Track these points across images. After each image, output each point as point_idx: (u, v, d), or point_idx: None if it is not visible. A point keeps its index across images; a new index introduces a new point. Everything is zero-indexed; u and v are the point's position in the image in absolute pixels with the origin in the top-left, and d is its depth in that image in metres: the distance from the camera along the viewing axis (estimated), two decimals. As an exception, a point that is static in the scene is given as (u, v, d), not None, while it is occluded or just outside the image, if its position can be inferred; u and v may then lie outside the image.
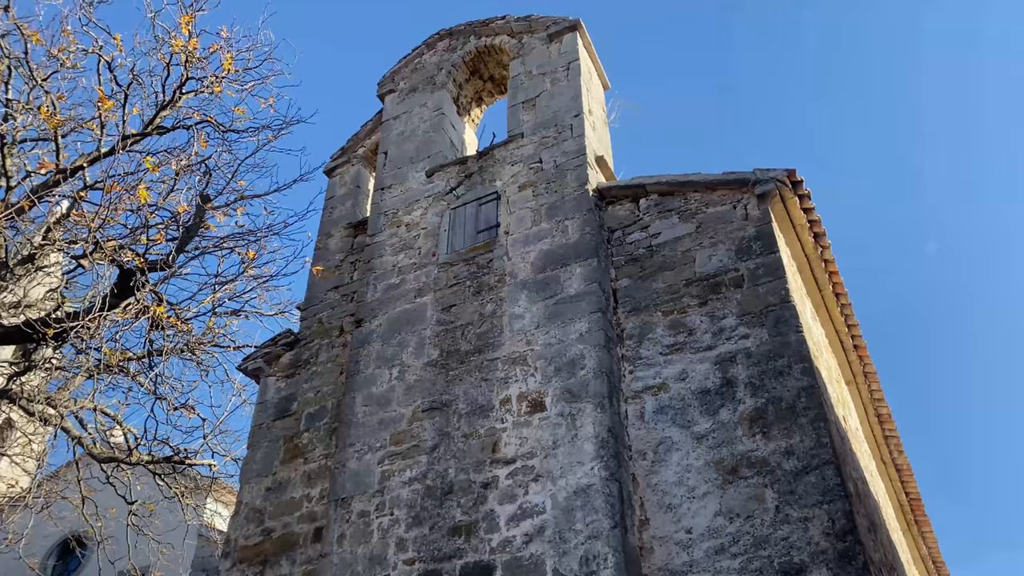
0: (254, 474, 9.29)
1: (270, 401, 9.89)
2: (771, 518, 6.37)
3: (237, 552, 8.78)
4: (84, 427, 9.64)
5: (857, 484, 7.49)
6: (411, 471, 7.75)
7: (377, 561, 7.33)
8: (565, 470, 7.01)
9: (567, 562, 6.52)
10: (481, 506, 7.19)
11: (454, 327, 8.59)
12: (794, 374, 6.92)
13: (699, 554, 6.48)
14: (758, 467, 6.65)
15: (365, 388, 8.63)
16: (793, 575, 6.07)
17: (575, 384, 7.48)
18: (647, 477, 7.07)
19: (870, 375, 9.85)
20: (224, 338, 9.26)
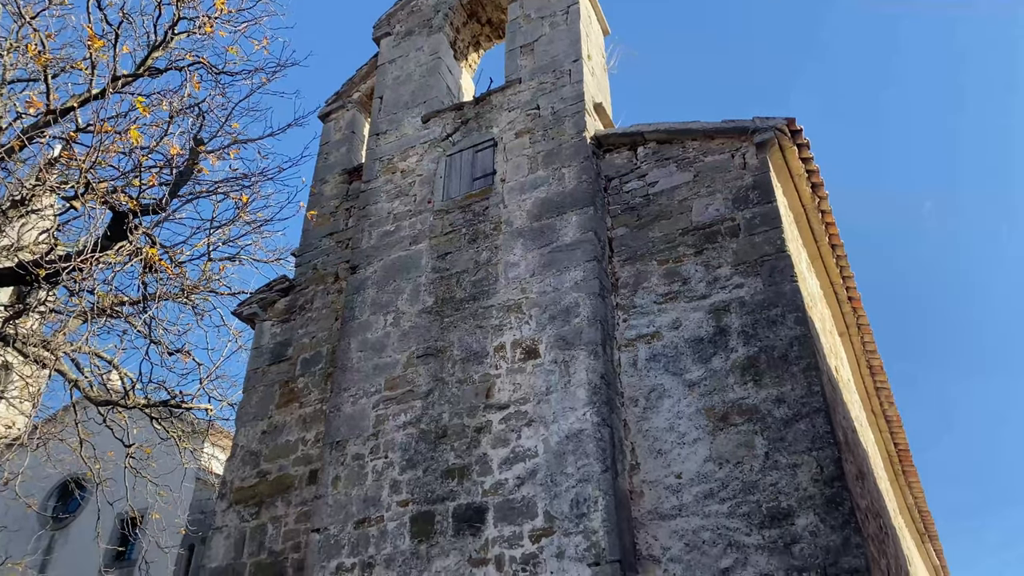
0: (250, 418, 9.37)
1: (265, 346, 9.93)
2: (760, 464, 6.46)
3: (233, 493, 8.91)
4: (80, 370, 9.67)
5: (847, 433, 7.58)
6: (405, 415, 7.81)
7: (371, 502, 7.43)
8: (558, 415, 7.08)
9: (558, 504, 6.62)
10: (474, 450, 7.27)
11: (449, 275, 8.58)
12: (787, 323, 6.95)
13: (688, 498, 6.58)
14: (749, 414, 6.71)
15: (360, 334, 8.66)
16: (780, 519, 6.17)
17: (569, 332, 7.50)
18: (638, 423, 7.14)
19: (863, 327, 9.90)
20: (219, 283, 9.23)
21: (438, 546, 6.90)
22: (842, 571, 5.77)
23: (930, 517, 13.42)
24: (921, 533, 13.55)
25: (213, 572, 8.46)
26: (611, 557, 6.19)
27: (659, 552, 6.47)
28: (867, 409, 10.78)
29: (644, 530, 6.61)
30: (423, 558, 6.90)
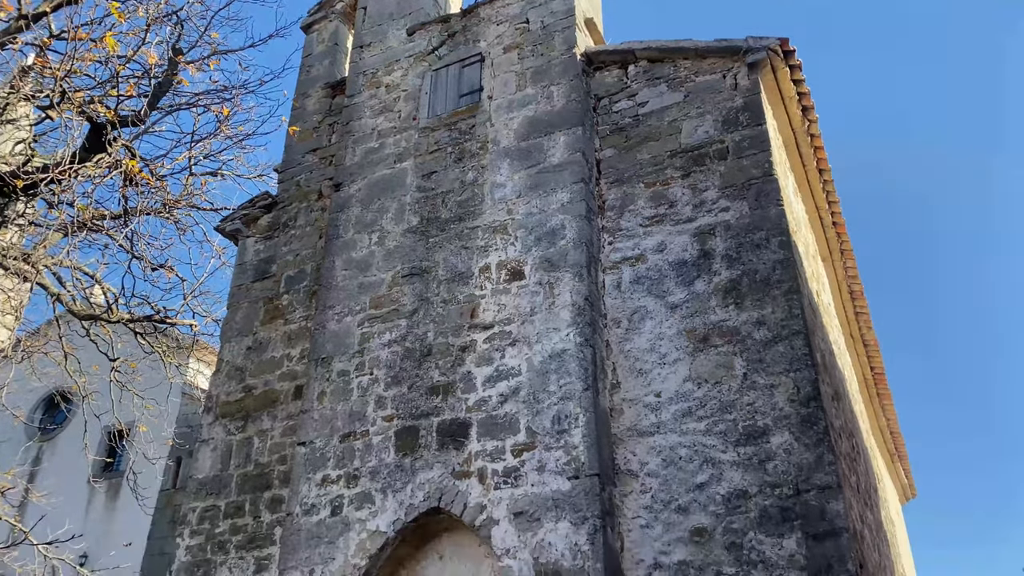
0: (234, 333, 9.41)
1: (249, 263, 9.89)
2: (738, 384, 6.59)
3: (219, 407, 9.02)
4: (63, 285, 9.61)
5: (825, 356, 7.72)
6: (390, 334, 7.87)
7: (357, 417, 7.56)
8: (541, 336, 7.15)
9: (540, 421, 6.76)
10: (459, 368, 7.36)
11: (434, 194, 8.51)
12: (771, 247, 6.98)
13: (667, 416, 6.73)
14: (729, 336, 6.81)
15: (344, 252, 8.63)
16: (756, 438, 6.34)
17: (554, 254, 7.51)
18: (620, 344, 7.23)
19: (846, 252, 9.97)
20: (201, 199, 9.12)
21: (422, 459, 7.05)
22: (814, 487, 5.97)
23: (901, 438, 13.84)
24: (892, 453, 13.99)
25: (201, 483, 8.63)
26: (590, 471, 6.36)
27: (637, 467, 6.65)
28: (846, 334, 10.96)
29: (623, 446, 6.77)
30: (407, 470, 7.06)
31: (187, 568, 8.17)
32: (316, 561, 7.00)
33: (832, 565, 5.68)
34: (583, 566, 6.02)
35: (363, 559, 6.83)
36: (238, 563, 7.91)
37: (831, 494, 5.89)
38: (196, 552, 8.22)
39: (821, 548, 5.76)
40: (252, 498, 8.21)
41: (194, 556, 8.20)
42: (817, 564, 5.72)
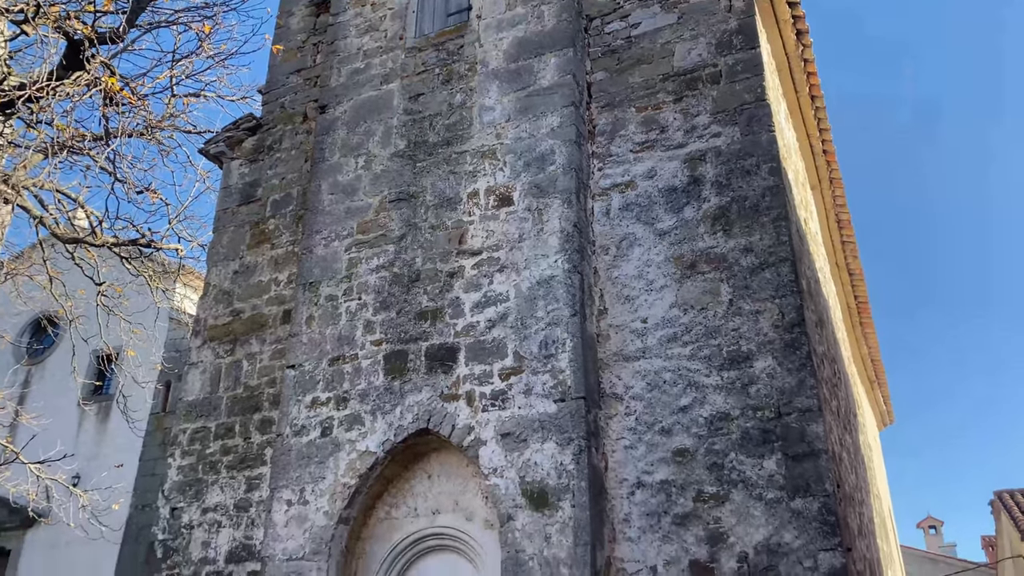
0: (221, 257, 9.37)
1: (234, 186, 9.77)
2: (724, 310, 6.65)
3: (207, 331, 9.04)
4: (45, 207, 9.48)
5: (810, 283, 7.79)
6: (378, 259, 7.85)
7: (346, 341, 7.60)
8: (529, 262, 7.15)
9: (527, 346, 6.82)
10: (447, 293, 7.38)
11: (422, 117, 8.37)
12: (761, 174, 6.95)
13: (652, 341, 6.81)
14: (716, 263, 6.84)
15: (331, 176, 8.53)
16: (740, 362, 6.43)
17: (544, 179, 7.45)
18: (608, 271, 7.26)
19: (835, 180, 9.95)
20: (183, 119, 8.93)
21: (411, 382, 7.13)
22: (795, 410, 6.10)
23: (881, 366, 14.10)
24: (871, 380, 14.27)
25: (190, 405, 8.72)
26: (576, 394, 6.46)
27: (622, 390, 6.75)
28: (832, 262, 11.04)
29: (609, 370, 6.87)
30: (396, 393, 7.15)
31: (179, 487, 8.32)
32: (307, 480, 7.14)
33: (810, 485, 5.85)
34: (568, 484, 6.17)
35: (353, 478, 6.97)
36: (229, 482, 8.06)
37: (811, 417, 6.03)
38: (187, 472, 8.35)
39: (800, 468, 5.92)
40: (242, 420, 8.31)
41: (185, 476, 8.34)
42: (796, 484, 5.89)
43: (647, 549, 6.15)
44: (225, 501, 7.98)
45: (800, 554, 5.69)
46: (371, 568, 6.98)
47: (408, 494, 7.13)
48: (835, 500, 5.81)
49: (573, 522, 6.03)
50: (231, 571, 7.64)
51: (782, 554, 5.74)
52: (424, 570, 6.93)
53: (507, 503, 6.32)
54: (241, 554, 7.67)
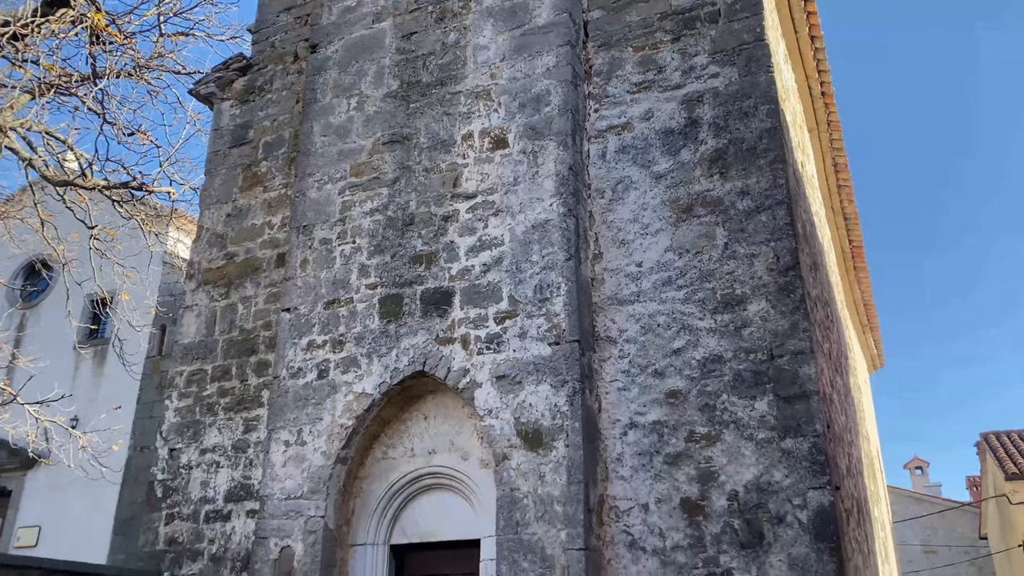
0: (213, 200, 9.30)
1: (225, 128, 9.65)
2: (719, 254, 6.65)
3: (201, 274, 9.03)
4: (34, 150, 9.35)
5: (806, 226, 7.78)
6: (372, 202, 7.80)
7: (340, 285, 7.60)
8: (524, 206, 7.11)
9: (522, 290, 6.83)
10: (441, 237, 7.35)
11: (415, 57, 8.22)
12: (759, 115, 6.88)
13: (647, 285, 6.82)
14: (712, 206, 6.82)
15: (323, 118, 8.41)
16: (734, 305, 6.46)
17: (539, 121, 7.36)
18: (603, 214, 7.23)
19: (833, 123, 9.86)
20: (172, 59, 8.76)
21: (406, 326, 7.16)
22: (787, 352, 6.15)
23: (873, 310, 14.18)
24: (863, 325, 14.38)
25: (186, 348, 8.75)
26: (570, 337, 6.50)
27: (616, 334, 6.79)
28: (827, 206, 11.01)
29: (603, 314, 6.90)
30: (392, 336, 7.18)
31: (177, 429, 8.40)
32: (304, 421, 7.21)
33: (801, 425, 5.94)
34: (562, 425, 6.25)
35: (350, 419, 7.04)
36: (227, 424, 8.14)
37: (804, 359, 6.08)
38: (185, 414, 8.43)
39: (791, 409, 6.00)
40: (238, 362, 8.35)
41: (183, 417, 8.42)
42: (786, 424, 5.97)
43: (639, 487, 6.26)
44: (223, 442, 8.08)
45: (789, 492, 5.81)
46: (369, 506, 7.10)
47: (405, 435, 7.22)
48: (825, 440, 5.90)
49: (567, 461, 6.13)
50: (230, 510, 7.77)
51: (772, 492, 5.85)
52: (421, 508, 7.06)
53: (502, 443, 6.41)
54: (240, 493, 7.80)
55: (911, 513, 23.30)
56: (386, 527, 7.07)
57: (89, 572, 7.32)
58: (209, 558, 7.68)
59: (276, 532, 6.92)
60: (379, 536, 7.04)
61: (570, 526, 5.93)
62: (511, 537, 6.10)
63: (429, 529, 6.97)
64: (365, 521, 7.07)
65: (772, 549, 5.71)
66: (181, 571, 7.69)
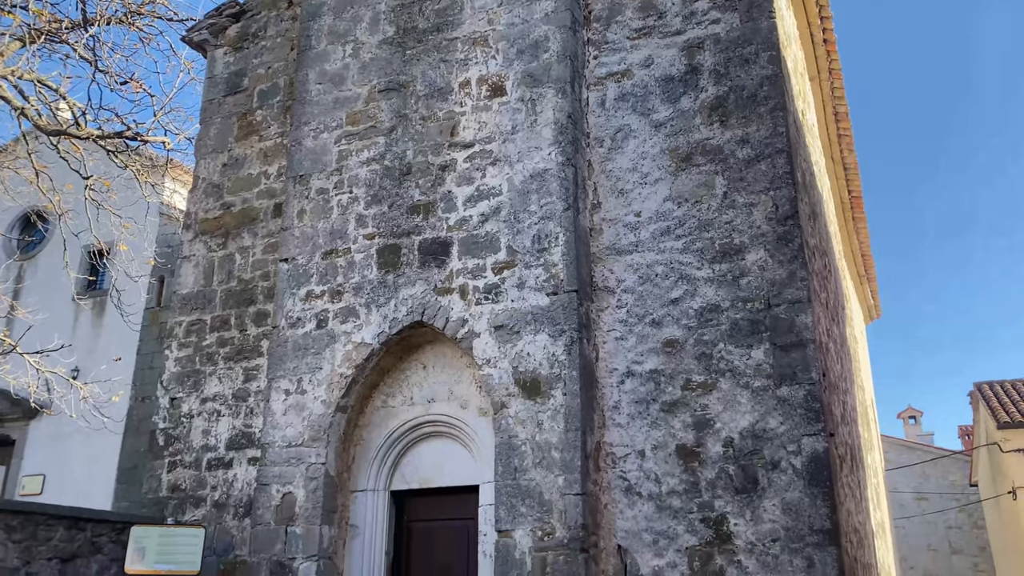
0: (209, 150, 9.22)
1: (219, 76, 9.51)
2: (718, 203, 6.63)
3: (198, 224, 8.99)
4: (26, 99, 9.24)
5: (805, 175, 7.74)
6: (368, 152, 7.73)
7: (338, 235, 7.58)
8: (523, 155, 7.06)
9: (520, 240, 6.82)
10: (439, 187, 7.31)
11: (411, 2, 8.07)
12: (760, 62, 6.79)
13: (645, 235, 6.81)
14: (712, 155, 6.77)
15: (318, 65, 8.29)
16: (732, 255, 6.46)
17: (537, 68, 7.26)
18: (602, 163, 7.18)
19: (835, 71, 9.74)
20: (164, 5, 8.60)
21: (404, 276, 7.16)
22: (784, 301, 6.17)
23: (871, 261, 14.19)
24: (861, 275, 14.40)
25: (185, 298, 8.76)
26: (568, 287, 6.51)
27: (614, 284, 6.81)
28: (827, 156, 10.94)
29: (601, 264, 6.90)
30: (390, 287, 7.18)
31: (177, 378, 8.46)
32: (303, 370, 7.26)
33: (796, 373, 5.99)
34: (560, 374, 6.30)
35: (349, 369, 7.09)
36: (227, 373, 8.20)
37: (801, 308, 6.11)
38: (185, 363, 8.48)
39: (787, 358, 6.04)
40: (237, 312, 8.37)
41: (183, 367, 8.47)
42: (782, 372, 6.03)
43: (635, 434, 6.34)
44: (223, 391, 8.14)
45: (784, 439, 5.88)
46: (369, 454, 7.20)
47: (404, 384, 7.28)
48: (820, 388, 5.96)
49: (564, 409, 6.19)
50: (232, 457, 7.87)
51: (766, 439, 5.93)
52: (421, 455, 7.16)
53: (500, 392, 6.46)
54: (241, 441, 7.89)
55: (904, 461, 23.66)
56: (386, 474, 7.18)
57: (94, 517, 7.44)
58: (212, 504, 7.80)
59: (278, 479, 7.02)
60: (379, 482, 7.15)
61: (567, 472, 6.02)
62: (509, 483, 6.19)
63: (429, 475, 7.07)
64: (365, 468, 7.17)
65: (766, 494, 5.81)
66: (184, 517, 7.82)
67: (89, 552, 7.26)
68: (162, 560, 6.90)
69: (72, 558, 7.12)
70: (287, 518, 6.86)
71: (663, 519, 6.05)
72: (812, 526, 5.63)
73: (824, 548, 5.56)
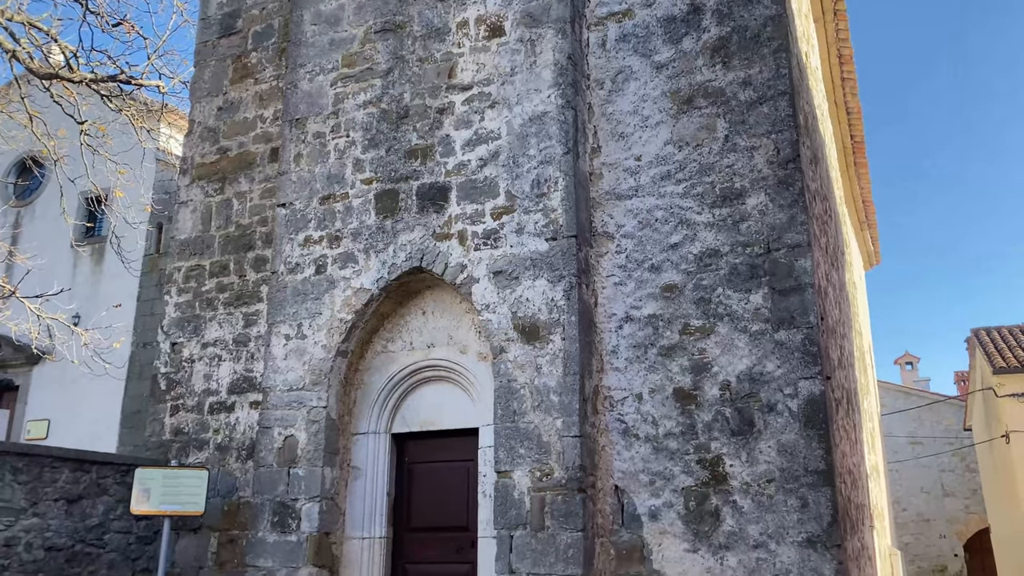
0: (204, 93, 9.10)
1: (213, 17, 9.33)
2: (719, 147, 6.57)
3: (195, 169, 8.92)
4: (17, 41, 9.08)
5: (808, 118, 7.65)
6: (365, 94, 7.63)
7: (335, 180, 7.52)
8: (522, 97, 6.96)
9: (519, 185, 6.77)
10: (437, 131, 7.23)
11: (408, -60, 7.86)
12: (763, 2, 6.65)
13: (645, 180, 6.76)
14: (714, 97, 6.68)
15: (312, 5, 8.12)
16: (732, 199, 6.42)
17: (537, 7, 7.11)
18: (603, 106, 7.09)
19: (840, 12, 9.55)
20: (153, -57, 8.38)
21: (403, 222, 7.13)
22: (784, 245, 6.16)
23: (872, 207, 14.13)
24: (861, 222, 14.35)
25: (183, 243, 8.74)
26: (568, 232, 6.49)
27: (613, 229, 6.78)
28: (830, 100, 10.80)
29: (601, 209, 6.86)
30: (389, 232, 7.16)
31: (177, 323, 8.49)
32: (303, 316, 7.28)
33: (795, 317, 6.01)
34: (558, 319, 6.32)
35: (349, 314, 7.11)
36: (227, 318, 8.23)
37: (800, 252, 6.09)
38: (185, 309, 8.50)
39: (786, 302, 6.05)
40: (236, 258, 8.36)
41: (183, 312, 8.50)
42: (781, 316, 6.04)
43: (633, 378, 6.39)
44: (224, 336, 8.18)
45: (781, 382, 5.93)
46: (369, 397, 7.27)
47: (404, 329, 7.31)
48: (818, 332, 5.98)
49: (563, 354, 6.23)
50: (234, 401, 7.95)
51: (763, 382, 5.98)
52: (421, 398, 7.23)
53: (499, 337, 6.49)
54: (243, 385, 7.95)
55: (899, 407, 23.93)
56: (387, 417, 7.26)
57: (99, 460, 7.55)
58: (215, 447, 7.91)
59: (280, 422, 7.10)
60: (380, 425, 7.23)
61: (566, 415, 6.08)
62: (508, 425, 6.26)
63: (429, 419, 7.15)
64: (366, 411, 7.25)
65: (762, 436, 5.88)
66: (188, 459, 7.93)
67: (95, 493, 7.39)
68: (167, 501, 7.02)
69: (78, 499, 7.25)
70: (289, 460, 6.96)
71: (660, 460, 6.13)
72: (807, 467, 5.72)
73: (818, 488, 5.65)
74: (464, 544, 6.77)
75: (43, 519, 6.92)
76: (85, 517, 7.27)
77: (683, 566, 5.88)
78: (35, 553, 6.83)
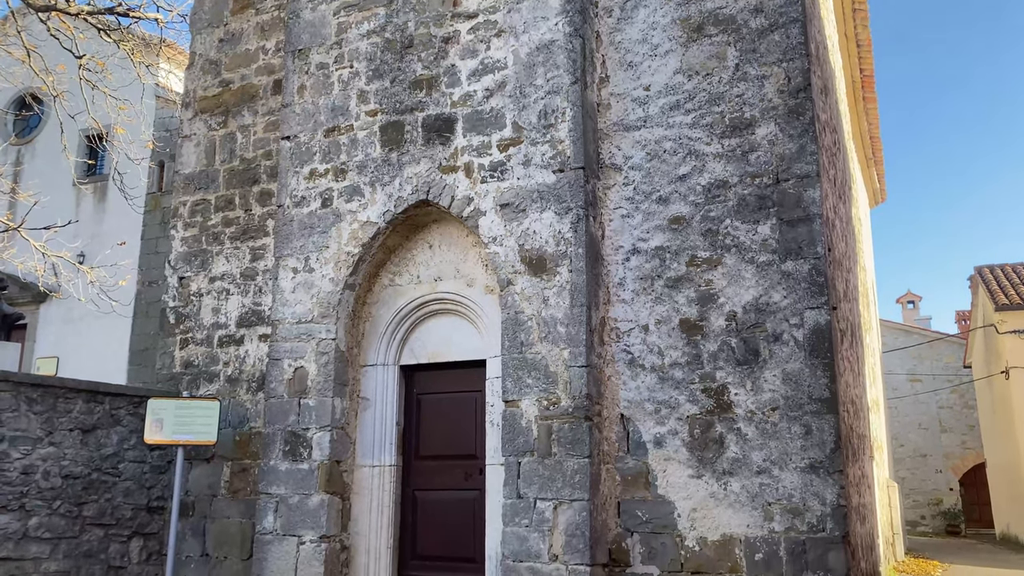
0: (204, 24, 8.94)
1: (211, -54, 9.11)
2: (729, 76, 6.48)
3: (197, 103, 8.83)
4: (10, -29, 8.89)
5: (819, 47, 7.52)
6: (368, 24, 7.50)
7: (340, 112, 7.45)
8: (528, 25, 6.84)
9: (526, 115, 6.70)
10: (442, 60, 7.13)
11: None
12: (777, -75, 6.47)
13: (654, 110, 6.69)
14: (725, 25, 6.56)
15: (314, -68, 7.92)
16: (742, 129, 6.36)
17: (543, -68, 6.93)
18: (611, 34, 6.97)
19: (854, -61, 9.30)
20: None
21: (409, 154, 7.08)
22: (793, 176, 6.12)
23: (879, 143, 13.98)
24: (868, 158, 14.22)
25: (188, 178, 8.70)
26: (575, 164, 6.45)
27: (621, 161, 6.74)
28: (840, 32, 10.60)
29: (609, 140, 6.81)
30: (394, 165, 7.12)
31: (184, 257, 8.51)
32: (310, 249, 7.29)
33: (802, 248, 6.01)
34: (565, 251, 6.33)
35: (356, 247, 7.12)
36: (234, 252, 8.24)
37: (809, 183, 6.06)
38: (191, 243, 8.51)
39: (793, 232, 6.05)
40: (241, 192, 8.34)
41: (190, 247, 8.51)
42: (788, 247, 6.05)
43: (639, 310, 6.43)
44: (231, 270, 8.21)
45: (787, 312, 5.97)
46: (378, 330, 7.33)
47: (410, 262, 7.33)
48: (825, 262, 5.99)
49: (570, 286, 6.25)
50: (243, 334, 8.02)
51: (769, 312, 6.02)
52: (429, 330, 7.28)
53: (507, 269, 6.51)
54: (251, 319, 8.01)
55: (900, 344, 24.09)
56: (395, 349, 7.33)
57: (112, 391, 7.66)
58: (225, 379, 8.01)
59: (289, 354, 7.17)
60: (389, 357, 7.31)
61: (572, 345, 6.14)
62: (516, 356, 6.33)
63: (437, 350, 7.22)
64: (375, 343, 7.32)
65: (767, 365, 5.95)
66: (199, 391, 8.04)
67: (108, 424, 7.52)
68: (180, 431, 7.15)
69: (92, 429, 7.38)
70: (300, 391, 7.05)
71: (665, 389, 6.21)
72: (811, 395, 5.79)
73: (822, 416, 5.74)
74: (472, 471, 6.91)
75: (59, 448, 7.06)
76: (100, 447, 7.41)
77: (687, 491, 6.01)
78: (52, 481, 6.99)
